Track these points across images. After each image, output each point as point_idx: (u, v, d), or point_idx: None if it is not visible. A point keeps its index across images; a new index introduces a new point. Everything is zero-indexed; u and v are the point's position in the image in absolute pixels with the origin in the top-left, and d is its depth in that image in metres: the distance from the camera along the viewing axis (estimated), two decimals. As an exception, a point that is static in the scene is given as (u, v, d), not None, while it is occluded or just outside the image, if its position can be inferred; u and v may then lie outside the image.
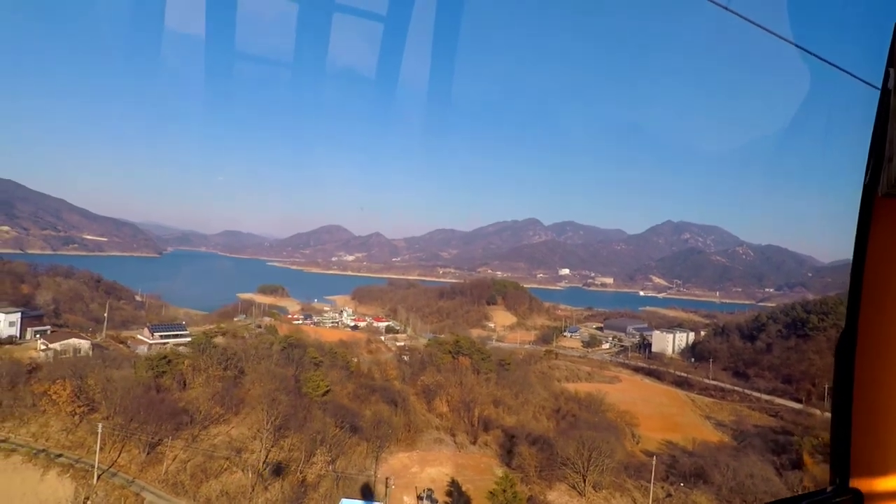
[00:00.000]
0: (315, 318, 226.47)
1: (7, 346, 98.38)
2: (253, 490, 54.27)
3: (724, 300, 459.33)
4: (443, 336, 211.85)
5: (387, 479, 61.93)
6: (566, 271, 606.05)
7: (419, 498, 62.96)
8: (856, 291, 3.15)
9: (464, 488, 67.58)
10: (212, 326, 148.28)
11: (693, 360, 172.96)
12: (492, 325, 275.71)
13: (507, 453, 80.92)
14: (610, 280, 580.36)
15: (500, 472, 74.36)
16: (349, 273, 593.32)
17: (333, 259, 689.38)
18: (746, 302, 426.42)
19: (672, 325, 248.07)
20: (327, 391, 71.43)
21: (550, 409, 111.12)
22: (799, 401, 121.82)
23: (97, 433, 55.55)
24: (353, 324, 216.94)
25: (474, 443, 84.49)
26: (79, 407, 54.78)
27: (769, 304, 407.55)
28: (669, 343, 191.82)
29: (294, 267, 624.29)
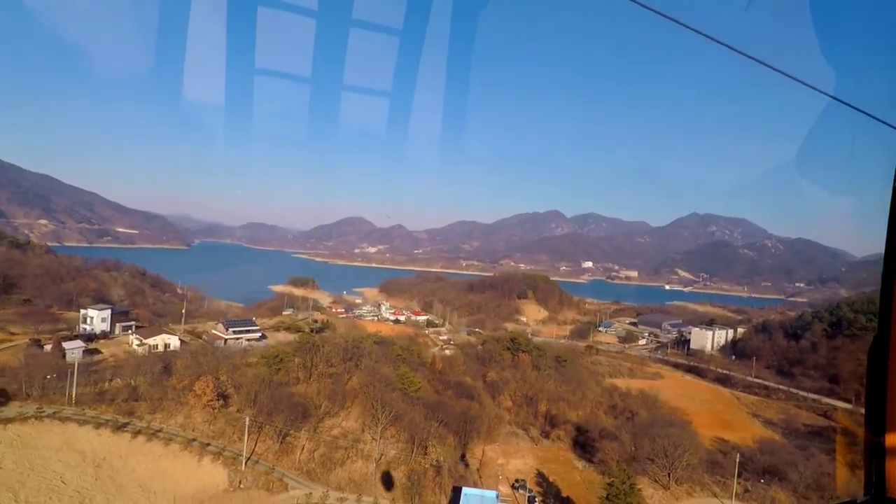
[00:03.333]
0: (355, 312, 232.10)
1: (102, 341, 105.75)
2: (374, 478, 59.81)
3: (752, 295, 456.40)
4: (479, 330, 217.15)
5: (499, 467, 67.19)
6: (589, 264, 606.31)
7: (514, 488, 68.00)
8: (888, 293, 3.01)
9: (551, 479, 72.53)
10: (271, 321, 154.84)
11: (734, 357, 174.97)
12: (524, 319, 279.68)
13: (582, 447, 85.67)
14: (634, 273, 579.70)
15: (580, 465, 79.31)
16: (373, 265, 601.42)
17: (356, 251, 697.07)
18: (776, 297, 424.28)
19: (704, 321, 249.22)
20: (420, 387, 76.70)
21: (606, 405, 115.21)
22: (848, 401, 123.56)
23: (234, 424, 61.50)
24: (393, 317, 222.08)
25: (547, 437, 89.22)
26: (216, 400, 60.63)
27: (800, 300, 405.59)
28: (708, 340, 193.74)
29: (319, 259, 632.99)
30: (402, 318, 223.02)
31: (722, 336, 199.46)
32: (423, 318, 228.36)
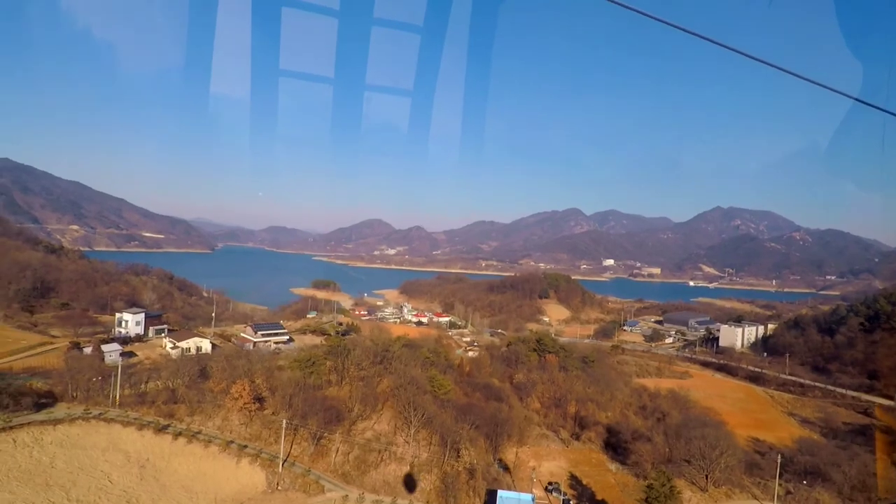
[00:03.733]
0: (378, 314, 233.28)
1: (137, 344, 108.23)
2: (408, 480, 60.01)
3: (781, 289, 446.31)
4: (502, 331, 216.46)
5: (532, 470, 66.84)
6: (611, 262, 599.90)
7: (547, 490, 67.54)
8: None
9: (584, 482, 71.81)
10: (297, 324, 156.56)
11: (766, 354, 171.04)
12: (546, 319, 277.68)
13: (613, 449, 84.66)
14: (657, 270, 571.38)
15: (613, 467, 78.37)
16: (392, 267, 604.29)
17: (375, 253, 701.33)
18: (806, 291, 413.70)
19: (732, 318, 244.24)
20: (449, 390, 76.68)
21: (636, 405, 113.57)
22: (889, 397, 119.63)
23: (270, 426, 62.36)
24: (415, 319, 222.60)
25: (577, 438, 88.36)
26: (252, 403, 61.53)
27: (832, 293, 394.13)
28: (738, 337, 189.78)
29: (339, 261, 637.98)
30: (424, 319, 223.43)
31: (752, 333, 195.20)
32: (445, 319, 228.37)
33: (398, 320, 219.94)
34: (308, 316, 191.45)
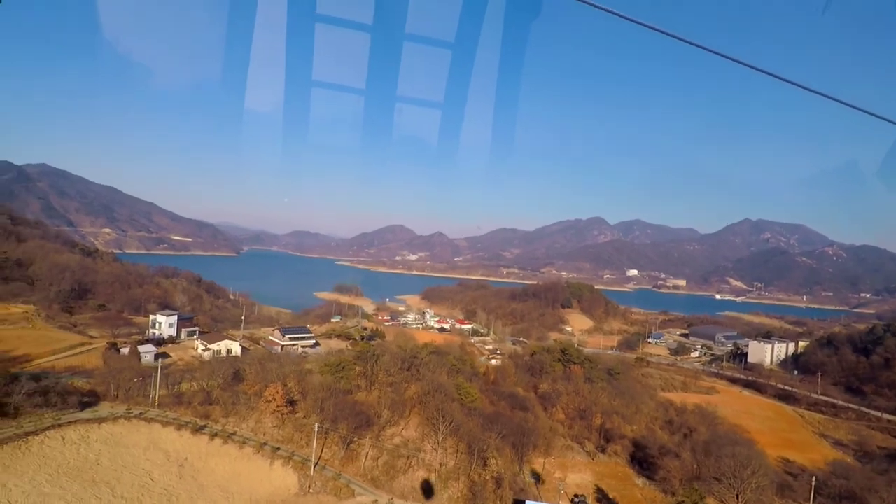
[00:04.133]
0: (401, 320, 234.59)
1: (170, 346, 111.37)
2: (437, 487, 60.61)
3: (811, 305, 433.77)
4: (524, 339, 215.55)
5: (559, 482, 66.81)
6: (634, 272, 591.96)
7: (573, 503, 67.36)
8: None
9: (610, 496, 71.37)
10: (322, 328, 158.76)
11: (796, 372, 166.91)
12: (569, 328, 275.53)
13: (639, 463, 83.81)
14: (682, 282, 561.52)
15: (639, 482, 77.64)
16: (414, 272, 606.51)
17: (397, 258, 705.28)
18: (839, 308, 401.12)
19: (760, 333, 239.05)
20: (476, 398, 77.16)
21: (662, 419, 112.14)
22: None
23: (301, 429, 63.75)
24: (438, 326, 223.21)
25: (603, 451, 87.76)
26: (285, 406, 63.08)
27: (866, 311, 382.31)
28: (767, 353, 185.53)
29: (361, 266, 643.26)
30: (446, 326, 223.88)
31: (782, 350, 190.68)
32: (467, 326, 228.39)
33: (421, 326, 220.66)
34: (332, 320, 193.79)
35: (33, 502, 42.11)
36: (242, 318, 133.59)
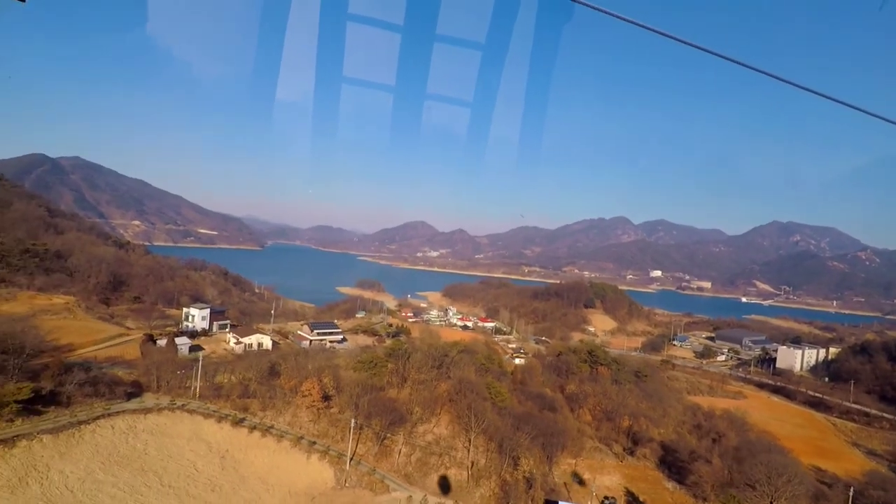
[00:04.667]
0: (423, 317, 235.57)
1: (203, 338, 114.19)
2: (468, 485, 61.32)
3: (842, 311, 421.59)
4: (546, 339, 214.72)
5: (591, 482, 67.00)
6: (658, 273, 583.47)
7: (603, 505, 67.41)
8: None
9: (641, 499, 71.16)
10: (348, 324, 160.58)
11: (827, 379, 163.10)
12: (592, 329, 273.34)
13: (669, 467, 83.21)
14: (707, 284, 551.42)
15: (669, 485, 77.15)
16: (435, 269, 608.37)
17: (418, 254, 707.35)
18: (871, 314, 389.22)
19: (788, 338, 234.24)
20: (506, 398, 77.63)
21: (690, 423, 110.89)
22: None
23: (336, 424, 65.08)
24: (461, 323, 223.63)
25: (632, 454, 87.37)
26: (321, 401, 64.44)
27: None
28: (797, 359, 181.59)
29: (382, 262, 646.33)
30: (469, 324, 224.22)
31: (812, 356, 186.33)
32: (490, 324, 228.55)
33: (444, 323, 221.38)
34: (357, 316, 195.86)
35: (88, 488, 43.99)
36: (272, 312, 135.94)
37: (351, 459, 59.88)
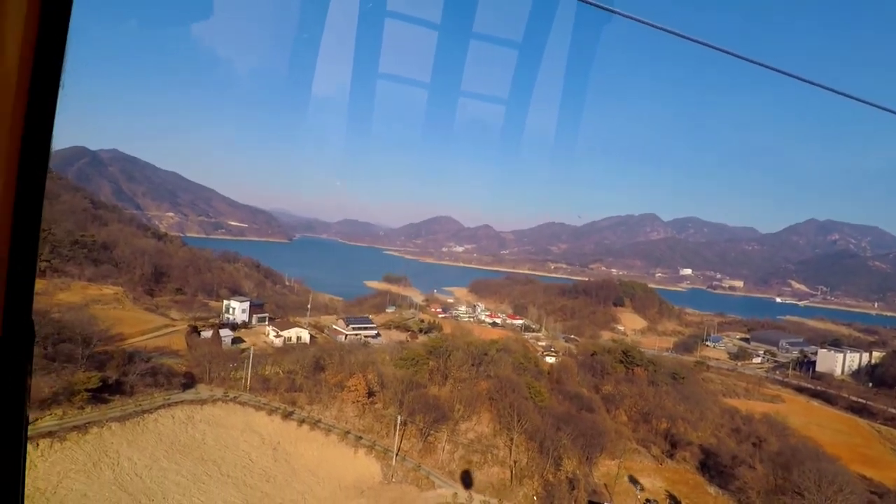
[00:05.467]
0: (452, 312, 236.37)
1: (243, 331, 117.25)
2: (511, 484, 61.89)
3: (884, 312, 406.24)
4: (575, 337, 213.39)
5: (637, 487, 66.96)
6: (688, 271, 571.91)
7: (645, 508, 67.18)
8: None
9: (684, 503, 70.62)
10: (381, 319, 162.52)
11: (871, 384, 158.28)
12: (621, 328, 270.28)
13: (709, 471, 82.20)
14: (739, 283, 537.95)
15: (712, 490, 76.31)
16: (460, 264, 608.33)
17: (444, 249, 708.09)
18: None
19: (826, 340, 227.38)
20: (545, 397, 77.84)
21: (728, 427, 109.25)
22: None
23: (380, 420, 66.40)
24: (489, 320, 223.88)
25: (671, 457, 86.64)
26: (366, 397, 65.80)
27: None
28: (838, 363, 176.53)
29: (409, 256, 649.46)
30: (497, 320, 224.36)
31: (854, 359, 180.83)
32: (518, 321, 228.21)
33: (472, 320, 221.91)
34: (387, 311, 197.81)
35: (155, 475, 46.04)
36: (308, 305, 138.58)
37: (396, 455, 60.97)
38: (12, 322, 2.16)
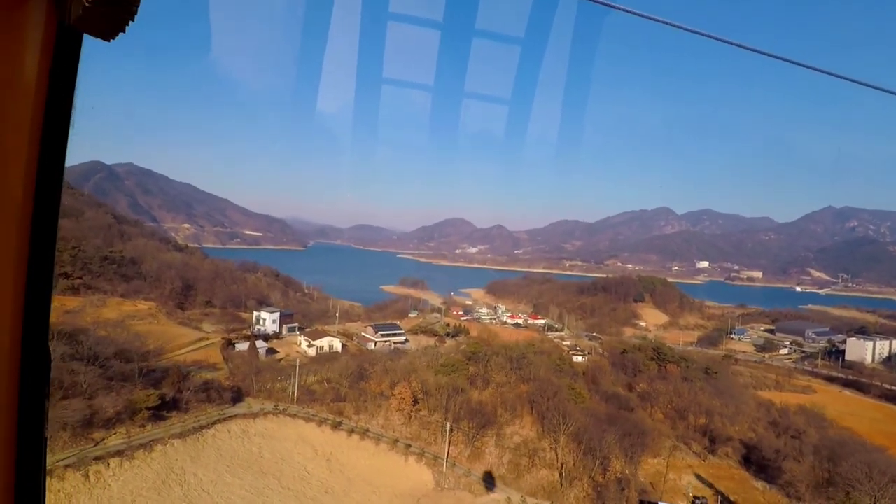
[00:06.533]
0: (473, 314, 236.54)
1: (275, 342, 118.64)
2: (561, 487, 62.16)
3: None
4: (598, 335, 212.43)
5: (688, 486, 66.92)
6: (705, 264, 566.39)
7: (695, 506, 66.99)
8: None
9: (732, 499, 70.33)
10: (407, 324, 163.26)
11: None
12: (643, 324, 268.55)
13: (753, 465, 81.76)
14: (758, 274, 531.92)
15: (759, 485, 75.90)
16: (475, 265, 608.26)
17: (458, 251, 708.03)
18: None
19: (852, 328, 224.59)
20: (586, 398, 78.09)
21: (765, 420, 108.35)
22: None
23: (427, 427, 67.05)
24: (511, 321, 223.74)
25: (713, 453, 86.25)
26: (412, 404, 66.47)
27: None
28: (868, 351, 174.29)
29: (422, 259, 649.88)
30: (520, 321, 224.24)
31: (885, 347, 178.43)
32: (540, 321, 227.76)
33: (494, 321, 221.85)
34: (410, 315, 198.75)
35: (221, 490, 47.05)
36: (336, 314, 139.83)
37: (446, 461, 61.53)
38: (30, 346, 2.17)
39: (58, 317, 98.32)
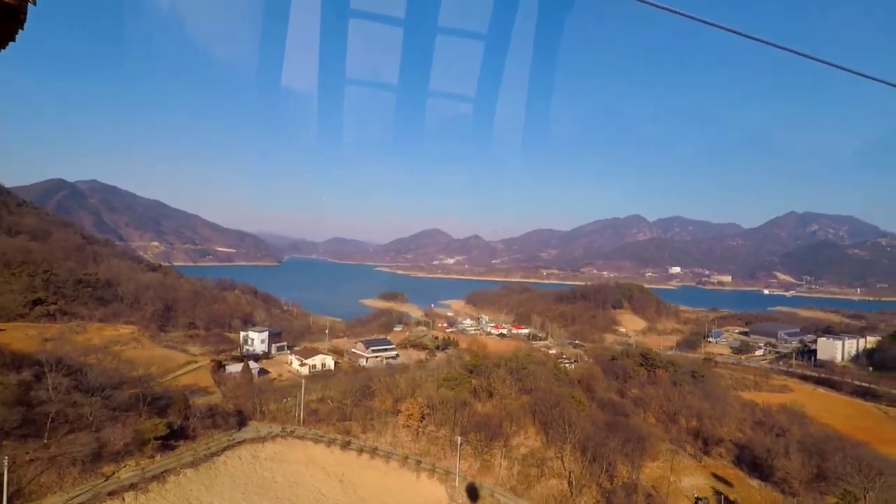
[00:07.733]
0: (458, 326, 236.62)
1: (265, 361, 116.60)
2: (571, 495, 62.97)
3: (866, 297, 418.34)
4: (580, 342, 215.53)
5: (693, 489, 68.48)
6: (677, 269, 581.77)
7: (697, 507, 68.76)
8: None
9: (731, 498, 72.38)
10: (396, 339, 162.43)
11: (871, 368, 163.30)
12: (622, 329, 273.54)
13: (746, 464, 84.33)
14: (727, 278, 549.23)
15: (754, 483, 78.30)
16: (452, 276, 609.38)
17: (435, 262, 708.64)
18: (895, 299, 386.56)
19: (818, 328, 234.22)
20: (586, 407, 79.34)
21: (750, 420, 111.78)
22: None
23: (434, 442, 67.06)
24: (496, 332, 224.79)
25: (707, 454, 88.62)
26: (419, 420, 66.41)
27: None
28: (838, 350, 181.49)
29: (400, 271, 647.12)
30: (504, 331, 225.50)
31: (853, 345, 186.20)
32: (524, 331, 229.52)
33: (479, 332, 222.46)
34: (396, 329, 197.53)
35: (239, 518, 46.23)
36: (326, 330, 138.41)
37: (458, 476, 61.70)
38: None
39: (38, 345, 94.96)
